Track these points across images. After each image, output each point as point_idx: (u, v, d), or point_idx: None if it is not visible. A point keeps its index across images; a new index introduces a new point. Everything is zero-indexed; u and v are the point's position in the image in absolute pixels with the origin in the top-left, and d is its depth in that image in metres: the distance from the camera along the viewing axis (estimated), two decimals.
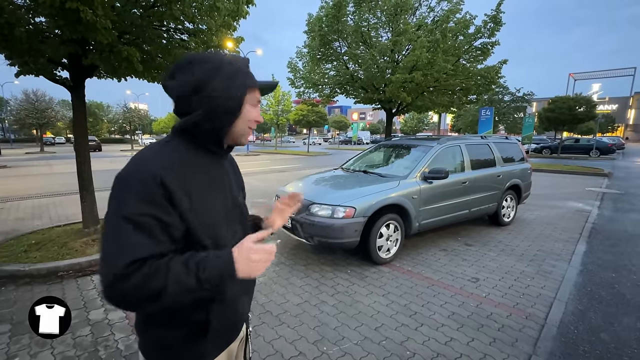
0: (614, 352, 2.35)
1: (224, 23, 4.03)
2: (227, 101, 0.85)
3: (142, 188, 0.73)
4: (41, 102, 27.93)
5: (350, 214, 3.55)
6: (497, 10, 7.71)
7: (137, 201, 0.73)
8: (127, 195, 0.73)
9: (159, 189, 0.74)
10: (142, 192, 0.73)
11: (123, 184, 0.75)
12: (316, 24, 8.17)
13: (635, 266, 3.91)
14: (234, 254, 0.77)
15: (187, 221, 0.79)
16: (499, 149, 5.47)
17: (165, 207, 0.75)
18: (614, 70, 62.26)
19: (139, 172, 0.76)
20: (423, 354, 2.29)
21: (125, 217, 0.71)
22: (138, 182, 0.74)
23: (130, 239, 0.71)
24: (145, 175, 0.75)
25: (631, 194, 8.68)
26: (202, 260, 0.75)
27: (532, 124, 16.19)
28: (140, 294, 0.69)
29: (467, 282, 3.44)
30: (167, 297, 0.71)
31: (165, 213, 0.75)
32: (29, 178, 11.44)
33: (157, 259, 0.72)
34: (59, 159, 20.02)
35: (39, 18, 3.37)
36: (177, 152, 0.84)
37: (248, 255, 0.77)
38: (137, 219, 0.71)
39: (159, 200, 0.74)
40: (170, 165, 0.79)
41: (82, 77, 4.06)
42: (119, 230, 0.71)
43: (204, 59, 0.85)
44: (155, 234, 0.73)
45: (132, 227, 0.71)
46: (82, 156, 4.26)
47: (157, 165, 0.77)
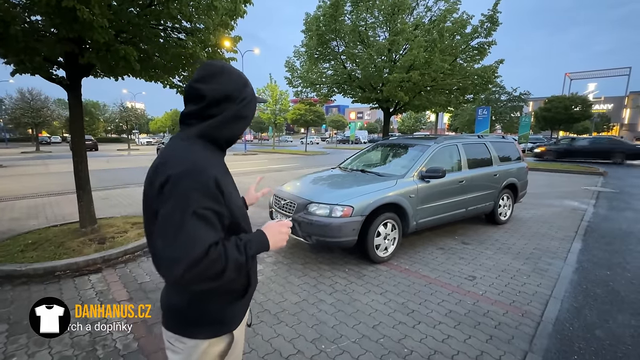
0: (609, 349, 2.38)
1: (221, 22, 4.02)
2: (251, 111, 1.05)
3: (204, 186, 0.86)
4: (36, 101, 27.68)
5: (348, 213, 3.56)
6: (494, 10, 7.74)
7: (201, 197, 0.85)
8: (192, 193, 0.84)
9: (215, 186, 0.88)
10: (204, 190, 0.86)
11: (185, 182, 0.85)
12: (314, 23, 8.17)
13: (629, 264, 3.95)
14: (266, 233, 0.99)
15: (232, 211, 0.95)
16: (495, 148, 5.50)
17: (220, 201, 0.89)
18: (610, 70, 62.71)
19: (198, 172, 0.86)
20: (420, 352, 2.31)
21: (195, 212, 0.83)
22: (200, 181, 0.86)
23: (200, 230, 0.82)
24: (204, 175, 0.87)
25: (626, 193, 8.76)
26: (248, 241, 0.93)
27: (528, 124, 16.26)
28: (208, 275, 0.83)
29: (464, 280, 3.46)
30: (226, 275, 0.85)
31: (221, 206, 0.89)
32: (24, 177, 11.36)
33: (216, 245, 0.85)
34: (55, 159, 19.88)
35: (35, 16, 3.35)
36: (210, 153, 0.97)
37: (279, 229, 1.02)
38: (203, 213, 0.84)
39: (216, 196, 0.88)
40: (215, 165, 0.93)
41: (78, 76, 4.04)
42: (189, 223, 0.82)
43: (233, 71, 1.00)
44: (215, 225, 0.87)
45: (199, 220, 0.83)
46: (79, 155, 4.25)
47: (208, 164, 0.90)
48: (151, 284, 3.25)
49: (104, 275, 3.45)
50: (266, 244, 0.97)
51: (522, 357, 2.26)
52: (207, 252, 0.81)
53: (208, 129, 0.96)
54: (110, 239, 4.22)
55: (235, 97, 0.98)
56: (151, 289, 3.15)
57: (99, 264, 3.65)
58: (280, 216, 4.00)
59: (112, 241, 4.15)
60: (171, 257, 0.80)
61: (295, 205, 3.84)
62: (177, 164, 0.87)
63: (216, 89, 0.94)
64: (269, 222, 1.04)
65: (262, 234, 0.98)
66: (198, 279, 0.82)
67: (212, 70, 0.96)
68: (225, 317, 1.02)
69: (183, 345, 0.98)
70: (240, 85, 1.00)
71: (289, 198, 3.98)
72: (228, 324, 1.03)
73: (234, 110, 0.98)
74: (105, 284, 3.25)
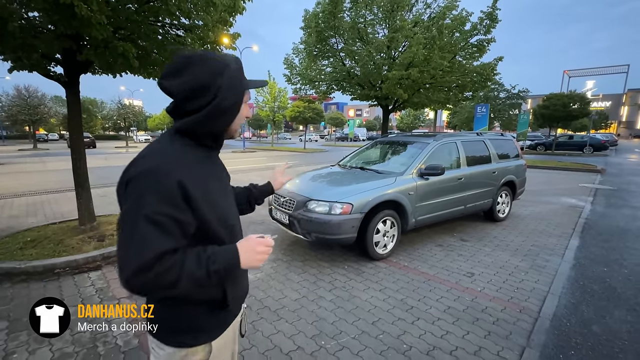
0: (605, 344, 2.41)
1: (220, 19, 4.00)
2: (231, 102, 0.91)
3: (162, 189, 0.79)
4: (33, 98, 27.51)
5: (348, 210, 3.57)
6: (493, 7, 7.73)
7: (157, 202, 0.78)
8: (147, 195, 0.78)
9: (177, 190, 0.80)
10: (161, 193, 0.79)
11: (143, 184, 0.79)
12: (312, 20, 8.14)
13: (626, 260, 3.98)
14: (239, 248, 0.88)
15: (202, 218, 0.86)
16: (494, 145, 5.51)
17: (182, 207, 0.81)
18: (608, 68, 62.81)
19: (158, 173, 0.80)
20: (419, 348, 2.33)
21: (146, 216, 0.77)
22: (158, 184, 0.79)
23: (150, 236, 0.76)
24: (164, 177, 0.80)
25: (623, 190, 8.81)
26: (212, 254, 0.83)
27: (527, 121, 16.31)
28: (158, 284, 0.77)
29: (462, 276, 3.48)
30: (181, 287, 0.79)
31: (182, 213, 0.81)
32: (22, 175, 11.31)
33: (172, 254, 0.79)
34: (53, 156, 19.80)
35: (33, 13, 3.32)
36: (186, 152, 0.89)
37: (254, 248, 0.89)
38: (156, 218, 0.77)
39: (177, 201, 0.80)
40: (185, 165, 0.85)
41: (76, 73, 4.02)
42: (140, 228, 0.76)
43: (205, 59, 0.88)
44: (172, 232, 0.80)
45: (152, 225, 0.77)
46: (78, 153, 4.23)
47: (174, 166, 0.83)
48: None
49: (103, 272, 3.46)
50: (236, 260, 0.86)
51: (519, 352, 2.29)
52: (158, 260, 0.75)
53: (186, 125, 0.89)
54: (110, 236, 4.21)
55: (207, 88, 0.86)
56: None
57: (98, 261, 3.65)
58: (280, 213, 4.01)
59: (112, 238, 4.14)
60: (122, 259, 0.76)
61: (294, 203, 3.84)
62: (143, 163, 0.82)
63: (183, 84, 0.85)
64: (249, 236, 0.92)
65: (234, 249, 0.87)
66: (147, 286, 0.77)
67: (178, 64, 0.87)
68: (202, 326, 0.96)
69: (162, 351, 0.95)
70: (214, 74, 0.87)
71: (289, 195, 3.99)
72: (206, 334, 0.97)
73: (210, 103, 0.87)
74: (105, 281, 3.25)
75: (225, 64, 0.89)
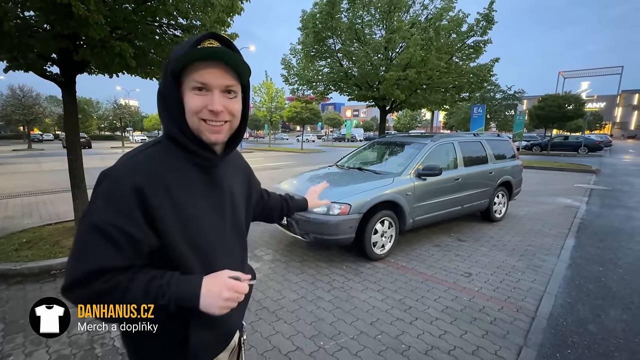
0: (601, 343, 2.43)
1: (218, 19, 3.99)
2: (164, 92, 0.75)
3: (114, 195, 0.68)
4: (28, 98, 27.24)
5: (346, 211, 3.58)
6: (490, 9, 7.79)
7: (110, 210, 0.67)
8: (101, 201, 0.68)
9: (134, 198, 0.68)
10: (113, 200, 0.68)
11: (99, 187, 0.70)
12: (310, 21, 8.14)
13: (621, 260, 4.02)
14: (203, 285, 0.71)
15: (166, 237, 0.72)
16: (491, 146, 5.55)
17: (137, 221, 0.68)
18: (602, 69, 63.41)
19: (116, 177, 0.70)
20: (418, 347, 2.34)
21: (95, 224, 0.67)
22: (112, 189, 0.69)
23: (94, 248, 0.66)
24: (121, 182, 0.69)
25: (618, 190, 8.90)
26: (167, 286, 0.69)
27: (522, 122, 16.42)
28: (96, 303, 0.67)
29: (460, 276, 3.50)
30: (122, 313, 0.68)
31: (136, 227, 0.68)
32: (17, 176, 11.21)
33: (119, 273, 0.68)
34: (48, 156, 19.62)
35: (29, 12, 3.30)
36: (164, 156, 0.76)
37: (220, 291, 0.71)
38: (105, 229, 0.66)
39: (132, 213, 0.68)
40: (153, 171, 0.72)
41: (73, 72, 3.98)
42: (87, 236, 0.67)
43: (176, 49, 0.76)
44: (122, 247, 0.67)
45: (99, 236, 0.66)
46: (74, 153, 4.20)
47: (137, 170, 0.71)
48: None
49: None
50: (194, 299, 0.70)
51: (517, 351, 2.30)
52: (99, 276, 0.65)
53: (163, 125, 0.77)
54: None
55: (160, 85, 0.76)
56: None
57: None
58: None
59: None
60: (66, 268, 0.68)
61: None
62: (115, 164, 0.73)
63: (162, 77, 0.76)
64: (222, 272, 0.74)
65: (196, 285, 0.71)
66: (86, 303, 0.67)
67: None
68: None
69: None
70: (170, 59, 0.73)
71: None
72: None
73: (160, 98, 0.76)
74: None
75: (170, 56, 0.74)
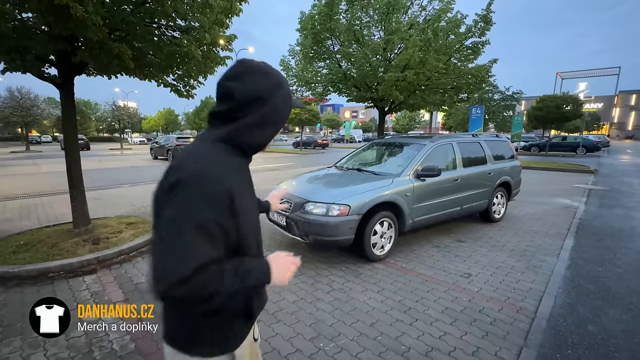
0: (601, 343, 2.43)
1: (216, 20, 3.99)
2: (282, 117, 0.95)
3: (213, 196, 0.77)
4: (26, 100, 27.15)
5: (345, 212, 3.57)
6: (488, 10, 7.81)
7: (207, 208, 0.76)
8: (198, 201, 0.75)
9: (227, 198, 0.79)
10: (212, 200, 0.77)
11: (192, 188, 0.76)
12: (309, 22, 8.15)
13: (619, 260, 4.03)
14: (272, 264, 0.89)
15: (240, 228, 0.85)
16: (489, 146, 5.56)
17: (228, 214, 0.80)
18: (600, 70, 63.72)
19: (210, 180, 0.78)
20: (418, 349, 2.33)
21: (198, 223, 0.74)
22: (210, 190, 0.77)
23: (198, 244, 0.74)
24: (216, 185, 0.78)
25: (616, 190, 8.93)
26: (249, 270, 0.84)
27: (521, 122, 16.49)
28: (197, 295, 0.75)
29: (459, 277, 3.50)
30: (217, 299, 0.81)
31: (228, 221, 0.80)
32: (15, 178, 11.16)
33: (215, 265, 0.77)
34: (46, 158, 19.56)
35: (26, 14, 3.29)
36: (230, 159, 0.87)
37: (289, 267, 0.93)
38: (208, 226, 0.75)
39: (225, 207, 0.79)
40: (232, 173, 0.84)
41: (71, 74, 3.98)
42: (190, 235, 0.73)
43: (268, 70, 0.92)
44: (218, 241, 0.78)
45: (202, 233, 0.74)
46: (72, 155, 4.19)
47: (224, 172, 0.81)
48: (147, 285, 3.23)
49: (98, 276, 3.42)
50: (268, 277, 0.88)
51: (517, 352, 2.30)
52: (201, 270, 0.73)
53: (233, 132, 0.88)
54: (105, 239, 4.17)
55: (265, 98, 0.89)
56: (147, 290, 3.13)
57: (93, 264, 3.61)
58: (277, 215, 4.00)
59: (107, 242, 4.10)
60: (160, 269, 0.72)
61: (292, 205, 3.83)
62: (190, 167, 0.79)
63: (247, 88, 0.87)
64: (277, 253, 0.95)
65: (267, 267, 0.88)
66: (184, 297, 0.75)
67: (244, 67, 0.89)
68: (226, 336, 0.94)
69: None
70: (273, 86, 0.90)
71: (286, 197, 3.98)
72: (229, 343, 0.95)
73: (263, 113, 0.89)
74: (100, 285, 3.21)
75: (281, 80, 0.93)
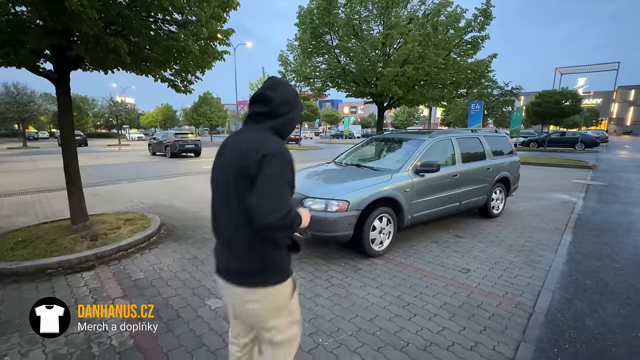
0: (599, 338, 2.44)
1: (213, 14, 3.94)
2: (299, 115, 1.40)
3: (291, 165, 1.23)
4: (22, 96, 26.93)
5: (344, 208, 3.56)
6: (487, 4, 7.74)
7: (291, 172, 1.22)
8: (287, 168, 1.20)
9: (293, 164, 1.25)
10: (291, 167, 1.23)
11: (280, 157, 1.18)
12: (307, 17, 8.06)
13: (617, 255, 4.05)
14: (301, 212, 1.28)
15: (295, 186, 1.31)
16: (488, 142, 5.55)
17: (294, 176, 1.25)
18: (599, 65, 63.59)
19: (287, 154, 1.22)
20: (416, 344, 2.34)
21: (287, 182, 1.19)
22: (289, 161, 1.22)
23: (289, 195, 1.20)
24: (290, 157, 1.23)
25: (614, 186, 8.95)
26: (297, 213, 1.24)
27: (520, 118, 16.44)
28: (286, 225, 1.14)
29: (458, 273, 3.51)
30: (293, 230, 1.20)
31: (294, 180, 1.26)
32: (12, 174, 11.10)
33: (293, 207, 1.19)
34: (43, 154, 19.46)
35: (20, 7, 3.24)
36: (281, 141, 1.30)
37: (306, 217, 1.34)
38: (290, 182, 1.21)
39: (294, 173, 1.25)
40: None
41: (67, 69, 3.93)
42: (284, 188, 1.17)
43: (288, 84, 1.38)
44: (292, 191, 1.25)
45: (289, 188, 1.21)
46: (69, 151, 4.16)
47: (287, 149, 1.24)
48: (145, 281, 3.23)
49: (97, 272, 3.41)
50: (301, 220, 1.26)
51: (515, 347, 2.31)
52: (290, 209, 1.14)
53: (277, 124, 1.30)
54: (103, 235, 4.16)
55: (292, 102, 1.33)
56: (145, 286, 3.12)
57: (91, 261, 3.60)
58: None
59: (105, 238, 4.09)
60: (270, 208, 1.10)
61: None
62: (271, 146, 1.19)
63: (280, 95, 1.30)
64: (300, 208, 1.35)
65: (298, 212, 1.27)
66: (281, 227, 1.11)
67: (276, 81, 1.34)
68: (287, 264, 1.34)
69: (259, 295, 1.26)
70: (295, 94, 1.36)
71: None
72: (290, 269, 1.36)
73: (292, 112, 1.34)
74: (98, 281, 3.21)
75: (296, 91, 1.39)
